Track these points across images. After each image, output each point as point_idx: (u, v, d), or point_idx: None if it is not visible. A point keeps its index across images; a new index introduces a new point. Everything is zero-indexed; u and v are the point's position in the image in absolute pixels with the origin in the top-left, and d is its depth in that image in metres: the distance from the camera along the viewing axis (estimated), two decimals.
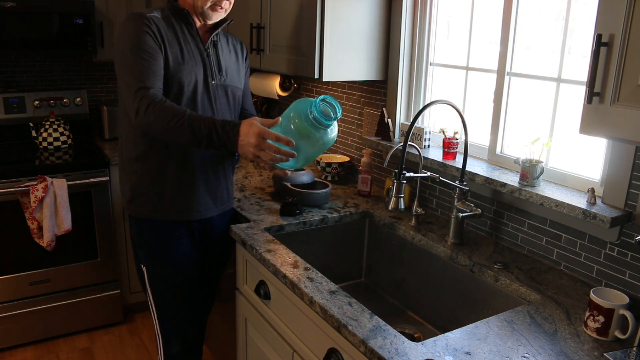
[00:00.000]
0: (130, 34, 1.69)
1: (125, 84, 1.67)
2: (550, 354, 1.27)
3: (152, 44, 1.68)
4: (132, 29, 1.69)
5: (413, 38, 2.28)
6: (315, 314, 1.50)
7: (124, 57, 1.69)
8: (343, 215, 2.13)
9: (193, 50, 1.80)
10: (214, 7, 1.78)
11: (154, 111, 1.59)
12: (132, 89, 1.64)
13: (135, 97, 1.62)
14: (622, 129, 1.16)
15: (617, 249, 1.57)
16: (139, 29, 1.68)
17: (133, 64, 1.66)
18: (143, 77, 1.65)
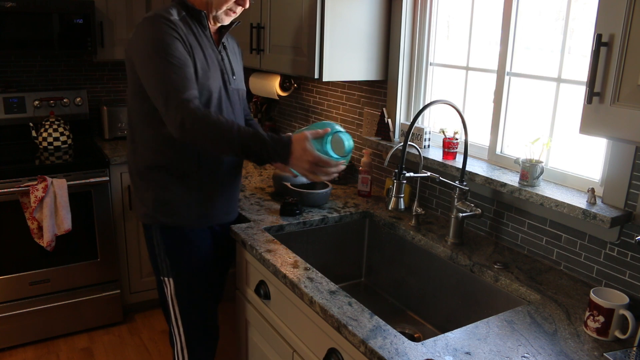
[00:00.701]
0: (158, 39, 1.60)
1: (160, 92, 1.59)
2: (550, 354, 1.27)
3: (182, 50, 1.62)
4: (159, 34, 1.61)
5: (413, 38, 2.28)
6: (315, 314, 1.50)
7: (153, 63, 1.60)
8: (343, 215, 2.13)
9: (211, 54, 1.76)
10: (228, 12, 1.76)
11: (202, 126, 1.55)
12: (172, 100, 1.57)
13: (178, 109, 1.56)
14: (622, 129, 1.16)
15: (617, 249, 1.57)
16: (167, 34, 1.61)
17: (165, 72, 1.58)
18: (181, 86, 1.58)
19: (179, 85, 1.58)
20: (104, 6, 3.00)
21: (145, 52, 1.62)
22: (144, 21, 1.66)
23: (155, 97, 1.62)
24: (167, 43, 1.60)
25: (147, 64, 1.62)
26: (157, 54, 1.59)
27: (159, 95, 1.60)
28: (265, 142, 1.57)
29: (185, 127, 1.56)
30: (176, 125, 1.57)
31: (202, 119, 1.55)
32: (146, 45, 1.62)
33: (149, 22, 1.65)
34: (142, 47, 1.64)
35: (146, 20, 1.66)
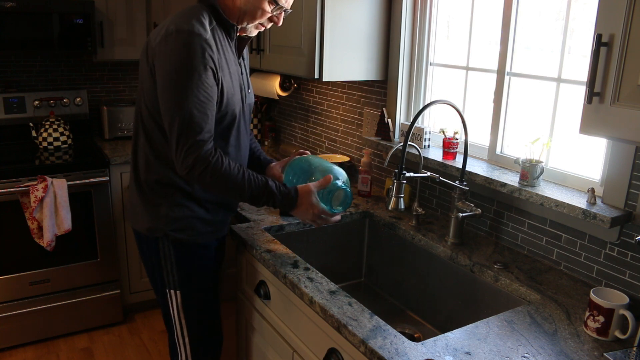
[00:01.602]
0: (191, 65, 1.49)
1: (175, 124, 1.51)
2: (550, 354, 1.27)
3: (211, 81, 1.53)
4: (193, 58, 1.49)
5: (413, 38, 2.28)
6: (315, 314, 1.50)
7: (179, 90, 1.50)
8: (343, 215, 2.13)
9: (235, 71, 1.68)
10: (258, 26, 1.69)
11: (212, 176, 1.54)
12: (186, 139, 1.51)
13: (190, 152, 1.52)
14: (622, 129, 1.16)
15: (617, 249, 1.57)
16: (201, 61, 1.50)
17: (188, 104, 1.50)
18: (198, 126, 1.51)
19: (198, 124, 1.52)
20: (104, 6, 3.00)
21: (172, 74, 1.51)
22: (179, 35, 1.50)
23: (169, 125, 1.54)
24: (199, 73, 1.50)
25: (172, 87, 1.51)
26: (186, 82, 1.50)
27: (174, 126, 1.52)
28: (274, 196, 1.61)
29: (193, 172, 1.54)
30: (185, 167, 1.54)
31: (213, 170, 1.54)
32: (175, 66, 1.51)
33: (184, 40, 1.50)
34: (170, 66, 1.51)
35: (181, 34, 1.50)
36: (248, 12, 1.63)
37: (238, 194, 1.60)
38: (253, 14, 1.63)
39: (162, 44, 1.53)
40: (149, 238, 1.74)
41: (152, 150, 1.67)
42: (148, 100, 1.63)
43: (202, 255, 1.77)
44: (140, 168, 1.71)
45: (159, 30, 1.58)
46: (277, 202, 1.63)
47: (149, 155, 1.68)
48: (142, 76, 1.65)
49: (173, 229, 1.70)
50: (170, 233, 1.70)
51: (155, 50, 1.55)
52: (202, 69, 1.51)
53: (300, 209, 1.66)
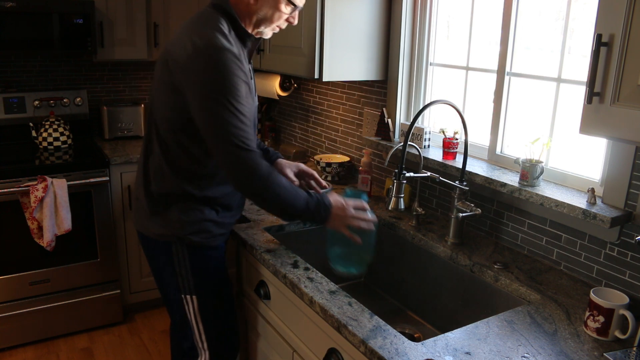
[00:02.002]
0: (229, 81, 1.48)
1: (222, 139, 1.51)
2: (550, 354, 1.27)
3: (246, 93, 1.55)
4: (227, 75, 1.48)
5: (413, 38, 2.28)
6: (315, 314, 1.50)
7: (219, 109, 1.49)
8: None
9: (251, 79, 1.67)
10: (274, 28, 1.68)
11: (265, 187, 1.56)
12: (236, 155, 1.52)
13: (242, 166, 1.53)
14: (622, 129, 1.16)
15: (617, 249, 1.57)
16: (236, 76, 1.50)
17: (233, 121, 1.49)
18: (244, 136, 1.52)
19: (245, 138, 1.52)
20: (104, 6, 3.00)
21: (211, 93, 1.49)
22: (209, 50, 1.48)
23: (215, 143, 1.53)
24: (236, 88, 1.50)
25: (214, 106, 1.49)
26: (228, 100, 1.49)
27: (221, 143, 1.52)
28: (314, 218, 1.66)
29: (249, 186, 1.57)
30: (240, 181, 1.56)
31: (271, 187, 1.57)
32: (213, 86, 1.49)
33: (216, 57, 1.48)
34: (207, 85, 1.49)
35: (211, 50, 1.48)
36: (266, 18, 1.63)
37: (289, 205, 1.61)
38: (270, 18, 1.63)
39: (193, 61, 1.49)
40: (161, 244, 1.71)
41: (167, 162, 1.65)
42: (168, 114, 1.60)
43: (215, 257, 1.77)
44: (152, 177, 1.69)
45: (182, 44, 1.53)
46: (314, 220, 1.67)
47: (163, 166, 1.66)
48: (161, 89, 1.61)
49: (188, 233, 1.68)
50: (185, 237, 1.68)
51: (183, 66, 1.51)
52: (239, 83, 1.51)
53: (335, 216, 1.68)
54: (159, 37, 3.15)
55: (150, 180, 1.70)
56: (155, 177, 1.68)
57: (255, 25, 1.64)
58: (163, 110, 1.62)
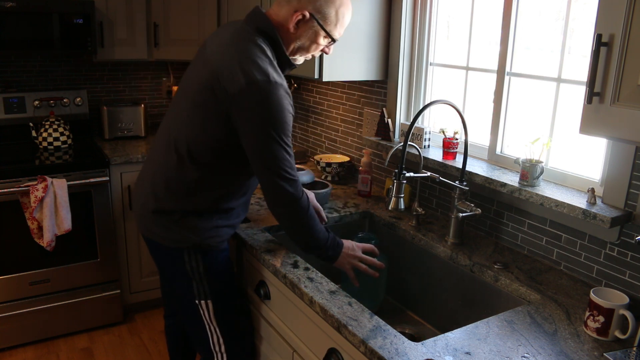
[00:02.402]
0: (279, 114, 1.52)
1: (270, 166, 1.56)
2: (550, 354, 1.27)
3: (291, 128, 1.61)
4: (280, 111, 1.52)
5: (413, 38, 2.28)
6: (315, 314, 1.50)
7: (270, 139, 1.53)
8: (343, 215, 2.13)
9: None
10: (307, 56, 1.72)
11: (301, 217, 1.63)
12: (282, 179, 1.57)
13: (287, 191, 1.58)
14: (622, 129, 1.16)
15: (617, 249, 1.57)
16: (287, 110, 1.55)
17: (279, 150, 1.55)
18: (289, 166, 1.58)
19: (291, 169, 1.59)
20: (104, 6, 3.00)
21: (261, 127, 1.52)
22: (262, 86, 1.50)
23: (264, 174, 1.58)
24: (287, 123, 1.55)
25: (263, 140, 1.53)
26: (277, 134, 1.53)
27: (269, 174, 1.57)
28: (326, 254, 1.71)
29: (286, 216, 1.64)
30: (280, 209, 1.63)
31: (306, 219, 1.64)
32: (264, 119, 1.52)
33: (269, 91, 1.51)
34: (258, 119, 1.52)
35: (264, 85, 1.50)
36: (303, 47, 1.66)
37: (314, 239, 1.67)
38: (307, 48, 1.67)
39: (247, 95, 1.50)
40: (172, 250, 1.70)
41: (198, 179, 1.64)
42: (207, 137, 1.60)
43: (225, 259, 1.77)
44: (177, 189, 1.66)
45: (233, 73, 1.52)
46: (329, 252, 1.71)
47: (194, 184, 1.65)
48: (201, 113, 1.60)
49: (204, 238, 1.68)
50: (201, 242, 1.68)
51: (236, 98, 1.51)
52: (289, 119, 1.56)
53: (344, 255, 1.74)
54: (159, 37, 3.15)
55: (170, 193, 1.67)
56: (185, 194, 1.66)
57: (292, 52, 1.67)
58: (200, 132, 1.60)
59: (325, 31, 1.63)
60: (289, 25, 1.61)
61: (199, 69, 1.63)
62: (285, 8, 1.61)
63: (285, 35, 1.63)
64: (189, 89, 1.66)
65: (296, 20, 1.60)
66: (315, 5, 1.60)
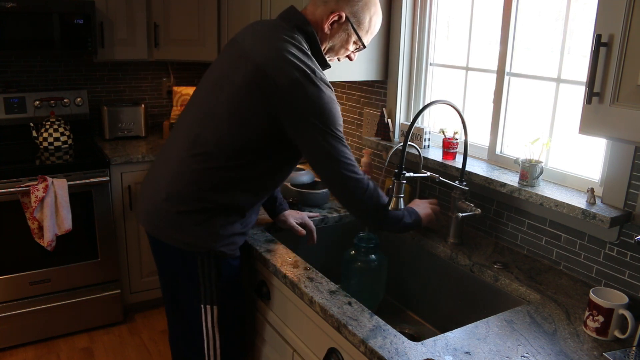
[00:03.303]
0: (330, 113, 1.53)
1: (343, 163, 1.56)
2: (550, 354, 1.27)
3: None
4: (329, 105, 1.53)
5: (413, 38, 2.29)
6: (315, 313, 1.50)
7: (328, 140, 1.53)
8: (343, 215, 2.13)
9: None
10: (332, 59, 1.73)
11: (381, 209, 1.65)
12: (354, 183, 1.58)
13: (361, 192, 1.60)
14: (621, 129, 1.16)
15: (617, 248, 1.57)
16: (335, 106, 1.56)
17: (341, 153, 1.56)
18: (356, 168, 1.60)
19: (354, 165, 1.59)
20: (104, 6, 3.01)
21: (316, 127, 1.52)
22: (310, 84, 1.50)
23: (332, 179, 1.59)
24: (338, 117, 1.56)
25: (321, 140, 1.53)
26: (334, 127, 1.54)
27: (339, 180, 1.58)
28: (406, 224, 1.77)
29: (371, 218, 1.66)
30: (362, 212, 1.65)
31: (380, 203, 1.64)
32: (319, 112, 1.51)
33: (317, 90, 1.51)
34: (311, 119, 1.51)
35: (312, 84, 1.50)
36: (333, 48, 1.69)
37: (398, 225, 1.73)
38: (337, 50, 1.70)
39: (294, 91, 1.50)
40: (186, 252, 1.65)
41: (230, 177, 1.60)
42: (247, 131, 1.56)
43: (237, 267, 1.74)
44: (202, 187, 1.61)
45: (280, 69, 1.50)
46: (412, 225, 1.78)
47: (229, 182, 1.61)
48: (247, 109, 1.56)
49: (220, 245, 1.64)
50: (215, 249, 1.64)
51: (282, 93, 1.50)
52: (339, 113, 1.57)
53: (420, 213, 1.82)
54: (159, 37, 3.15)
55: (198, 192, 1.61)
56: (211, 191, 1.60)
57: (324, 52, 1.68)
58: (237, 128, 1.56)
59: (358, 36, 1.66)
60: (324, 24, 1.63)
61: (236, 64, 1.59)
62: (322, 8, 1.64)
63: (321, 35, 1.65)
64: (225, 86, 1.60)
65: (332, 20, 1.62)
66: (353, 9, 1.63)
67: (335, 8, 1.62)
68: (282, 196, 2.05)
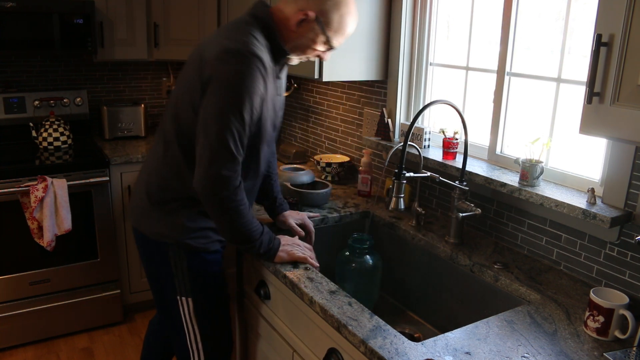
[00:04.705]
0: (244, 88, 1.49)
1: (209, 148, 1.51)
2: (550, 354, 1.27)
3: (257, 107, 1.54)
4: (248, 83, 1.49)
5: (413, 38, 2.28)
6: (315, 314, 1.50)
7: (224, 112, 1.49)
8: (343, 215, 2.13)
9: (275, 100, 1.70)
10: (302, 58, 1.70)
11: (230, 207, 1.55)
12: (215, 167, 1.51)
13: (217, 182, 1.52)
14: (622, 129, 1.16)
15: (617, 248, 1.57)
16: (254, 87, 1.50)
17: (228, 131, 1.50)
18: (232, 157, 1.52)
19: (231, 155, 1.51)
20: (104, 6, 3.00)
21: (224, 94, 1.50)
22: (236, 54, 1.49)
23: (204, 147, 1.52)
24: (250, 97, 1.50)
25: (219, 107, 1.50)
26: (234, 106, 1.49)
27: (207, 149, 1.51)
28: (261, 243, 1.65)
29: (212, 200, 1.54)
30: (206, 192, 1.54)
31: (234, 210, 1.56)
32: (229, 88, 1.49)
33: (243, 61, 1.49)
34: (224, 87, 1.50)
35: (239, 54, 1.49)
36: (300, 47, 1.65)
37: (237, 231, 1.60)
38: (304, 50, 1.66)
39: (219, 61, 1.50)
40: (159, 244, 1.71)
41: (188, 164, 1.62)
42: (193, 113, 1.57)
43: (212, 260, 1.76)
44: (165, 176, 1.67)
45: (213, 45, 1.53)
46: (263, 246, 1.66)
47: (184, 168, 1.63)
48: (186, 88, 1.59)
49: (187, 238, 1.67)
50: (184, 242, 1.67)
51: (209, 65, 1.51)
52: (253, 95, 1.51)
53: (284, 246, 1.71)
54: (159, 37, 3.15)
55: (164, 181, 1.68)
56: (171, 176, 1.66)
57: (289, 49, 1.65)
58: (187, 111, 1.59)
59: (326, 36, 1.62)
60: (291, 22, 1.60)
61: (191, 59, 1.63)
62: (291, 5, 1.61)
63: (285, 32, 1.62)
64: (182, 80, 1.65)
65: (299, 19, 1.59)
66: (321, 8, 1.59)
67: (304, 6, 1.58)
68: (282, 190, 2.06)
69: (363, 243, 1.86)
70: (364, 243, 1.86)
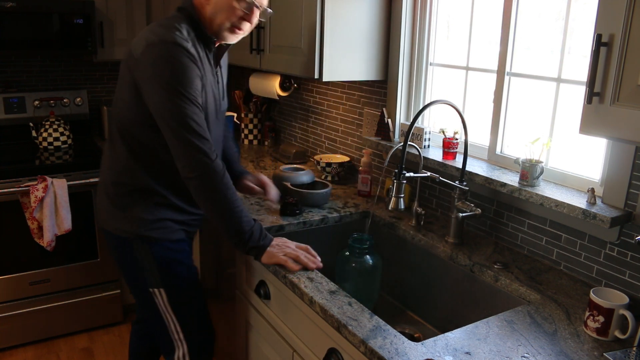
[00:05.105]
0: (179, 73, 1.52)
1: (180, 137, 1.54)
2: (550, 354, 1.27)
3: (200, 89, 1.58)
4: (180, 68, 1.52)
5: (413, 38, 2.28)
6: (315, 314, 1.50)
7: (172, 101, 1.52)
8: (343, 215, 2.13)
9: (212, 85, 1.70)
10: (233, 29, 1.65)
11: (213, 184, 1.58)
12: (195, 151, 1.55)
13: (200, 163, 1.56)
14: (622, 129, 1.16)
15: (617, 249, 1.57)
16: (189, 70, 1.54)
17: (187, 114, 1.53)
18: (202, 131, 1.56)
19: (201, 130, 1.56)
20: (104, 6, 3.01)
21: (164, 85, 1.52)
22: (163, 45, 1.53)
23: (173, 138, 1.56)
24: (188, 79, 1.53)
25: (166, 99, 1.53)
26: (178, 92, 1.52)
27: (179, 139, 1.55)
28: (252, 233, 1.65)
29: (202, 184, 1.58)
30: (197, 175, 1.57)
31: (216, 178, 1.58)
32: (166, 78, 1.52)
33: (169, 51, 1.52)
34: (159, 78, 1.53)
35: (164, 45, 1.53)
36: (217, 15, 1.63)
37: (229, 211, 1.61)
38: (221, 15, 1.63)
39: (145, 55, 1.55)
40: (123, 239, 1.75)
41: (133, 158, 1.70)
42: (130, 110, 1.64)
43: (178, 250, 1.80)
44: (115, 172, 1.74)
45: (139, 41, 1.59)
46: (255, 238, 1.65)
47: (129, 162, 1.70)
48: (123, 86, 1.65)
49: (146, 230, 1.72)
50: (144, 234, 1.72)
51: (138, 61, 1.56)
52: (191, 76, 1.55)
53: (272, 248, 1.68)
54: None
55: (115, 177, 1.74)
56: (120, 171, 1.73)
57: (213, 26, 1.65)
58: (125, 108, 1.66)
59: None
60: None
61: (124, 57, 1.68)
62: None
63: (203, 10, 1.65)
64: (118, 80, 1.71)
65: None
66: None
67: None
68: (281, 195, 2.09)
69: (363, 243, 1.86)
70: (364, 243, 1.86)
